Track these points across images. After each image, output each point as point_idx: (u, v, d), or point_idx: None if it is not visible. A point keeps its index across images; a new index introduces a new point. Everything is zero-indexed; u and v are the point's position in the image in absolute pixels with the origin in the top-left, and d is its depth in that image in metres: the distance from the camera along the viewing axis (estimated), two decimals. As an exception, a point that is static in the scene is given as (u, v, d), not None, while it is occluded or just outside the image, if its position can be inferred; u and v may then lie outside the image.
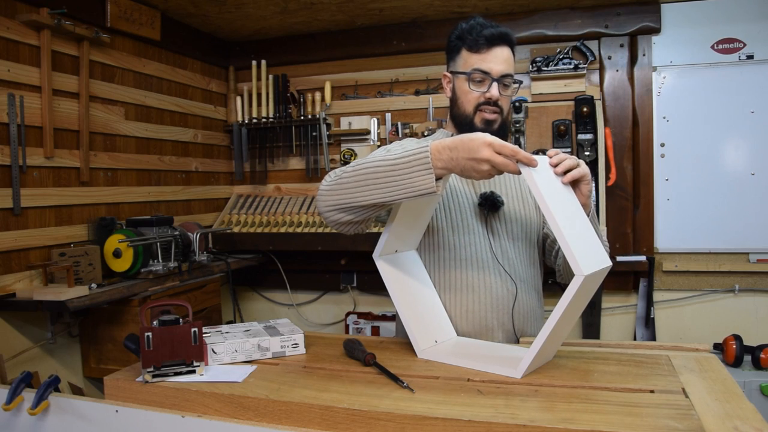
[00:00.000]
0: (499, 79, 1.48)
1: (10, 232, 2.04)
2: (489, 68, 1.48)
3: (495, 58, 1.48)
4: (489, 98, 1.49)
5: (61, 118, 2.25)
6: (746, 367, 2.47)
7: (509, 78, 1.50)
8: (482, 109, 1.51)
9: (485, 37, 1.46)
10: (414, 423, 1.02)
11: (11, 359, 2.03)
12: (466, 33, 1.50)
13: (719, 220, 2.73)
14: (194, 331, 1.27)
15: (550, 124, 2.80)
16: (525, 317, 1.54)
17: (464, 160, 1.15)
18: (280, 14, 2.82)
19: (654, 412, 1.01)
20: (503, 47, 1.48)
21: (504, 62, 1.48)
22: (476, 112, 1.51)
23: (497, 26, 1.49)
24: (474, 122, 1.52)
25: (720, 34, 2.70)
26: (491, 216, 1.55)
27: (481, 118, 1.51)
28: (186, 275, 2.49)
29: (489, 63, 1.47)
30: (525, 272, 1.56)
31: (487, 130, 1.47)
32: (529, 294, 1.56)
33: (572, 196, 1.25)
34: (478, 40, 1.47)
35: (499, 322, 1.51)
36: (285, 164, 3.28)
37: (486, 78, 1.48)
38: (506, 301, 1.52)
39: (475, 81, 1.49)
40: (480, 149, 1.13)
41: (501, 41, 1.48)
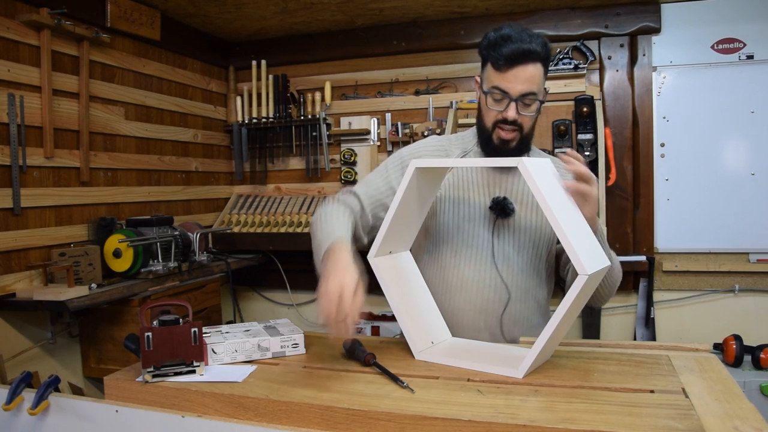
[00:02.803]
0: (518, 99, 1.43)
1: (10, 232, 2.04)
2: (507, 88, 1.43)
3: (515, 77, 1.41)
4: (505, 118, 1.46)
5: (61, 118, 2.25)
6: (746, 367, 2.47)
7: (531, 96, 1.44)
8: (500, 127, 1.48)
9: (505, 56, 1.40)
10: (414, 423, 1.02)
11: (11, 359, 2.03)
12: (491, 48, 1.44)
13: (719, 220, 2.73)
14: (194, 331, 1.27)
15: (550, 124, 2.80)
16: (516, 325, 1.53)
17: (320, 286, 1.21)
18: (280, 14, 2.82)
19: (654, 412, 1.01)
20: (526, 65, 1.41)
21: (524, 81, 1.42)
22: (494, 129, 1.49)
23: (523, 41, 1.40)
24: (492, 138, 1.51)
25: (720, 34, 2.70)
26: (500, 221, 1.54)
27: (498, 137, 1.49)
28: (186, 275, 2.49)
29: (508, 82, 1.42)
30: (525, 281, 1.54)
31: (504, 148, 1.49)
32: (525, 303, 1.54)
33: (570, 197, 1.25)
34: (499, 59, 1.41)
35: (486, 324, 1.52)
36: (285, 164, 3.28)
37: (505, 97, 1.44)
38: (496, 306, 1.52)
39: (495, 99, 1.46)
40: (320, 297, 1.19)
41: (524, 58, 1.40)
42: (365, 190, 1.57)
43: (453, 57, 3.03)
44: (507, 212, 1.51)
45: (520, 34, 1.41)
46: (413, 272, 1.49)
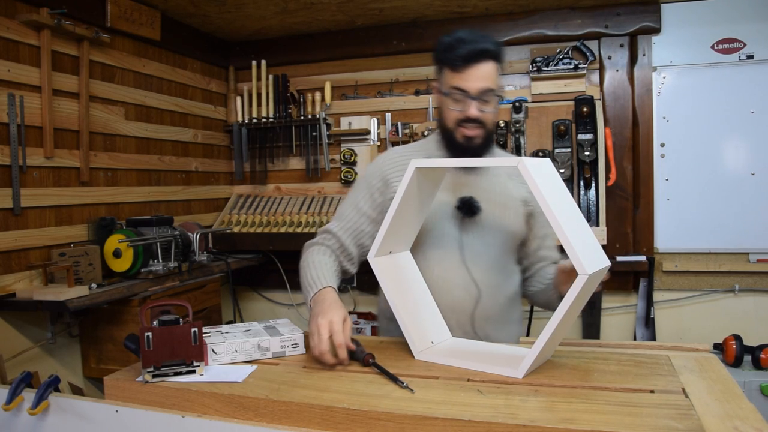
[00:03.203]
0: (477, 96, 1.48)
1: (10, 232, 2.04)
2: (467, 87, 1.47)
3: (472, 76, 1.47)
4: (468, 116, 1.50)
5: (61, 118, 2.25)
6: (746, 367, 2.47)
7: (489, 93, 1.49)
8: (463, 126, 1.52)
9: (462, 57, 1.46)
10: (414, 423, 1.02)
11: (11, 359, 2.03)
12: (446, 51, 1.49)
13: (719, 220, 2.73)
14: (194, 331, 1.27)
15: (550, 124, 2.80)
16: (488, 321, 1.56)
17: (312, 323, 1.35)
18: (280, 14, 2.82)
19: (654, 412, 1.01)
20: (483, 63, 1.47)
21: (482, 79, 1.47)
22: (457, 128, 1.53)
23: (477, 41, 1.47)
24: (455, 137, 1.55)
25: (720, 34, 2.70)
26: (467, 220, 1.56)
27: (462, 135, 1.53)
28: (186, 275, 2.49)
29: (467, 81, 1.47)
30: (494, 278, 1.58)
31: (469, 146, 1.53)
32: (495, 299, 1.58)
33: (570, 198, 1.26)
34: (456, 60, 1.47)
35: (458, 323, 1.55)
36: (285, 164, 3.28)
37: (464, 96, 1.49)
38: (466, 304, 1.55)
39: (455, 99, 1.50)
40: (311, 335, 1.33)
41: (479, 57, 1.46)
42: (340, 225, 1.62)
43: (453, 57, 3.03)
44: (473, 211, 1.54)
45: (474, 36, 1.48)
46: (413, 272, 1.49)
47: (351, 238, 1.61)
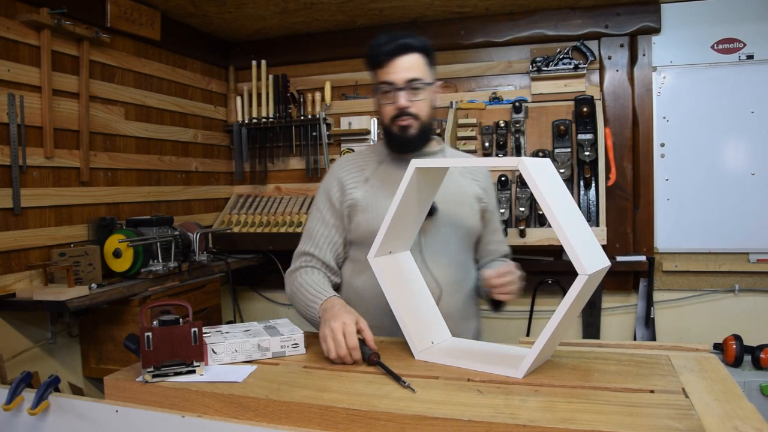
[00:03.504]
0: (403, 87, 1.53)
1: (10, 232, 2.04)
2: (392, 79, 1.53)
3: (396, 68, 1.53)
4: (398, 108, 1.55)
5: (61, 118, 2.25)
6: (746, 367, 2.46)
7: (417, 81, 1.54)
8: (397, 119, 1.57)
9: (384, 52, 1.53)
10: (414, 423, 1.02)
11: (11, 359, 2.03)
12: (371, 52, 1.57)
13: (719, 220, 2.73)
14: (194, 331, 1.27)
15: (550, 124, 2.80)
16: (449, 318, 1.57)
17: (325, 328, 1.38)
18: (280, 14, 2.82)
19: (654, 412, 1.01)
20: (406, 56, 1.53)
21: (406, 69, 1.53)
22: (393, 122, 1.58)
23: (398, 38, 1.53)
24: (393, 132, 1.59)
25: (720, 34, 2.70)
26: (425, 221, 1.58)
27: (397, 126, 1.58)
28: (186, 275, 2.49)
29: (391, 74, 1.53)
30: (454, 274, 1.61)
31: (405, 136, 1.57)
32: (456, 296, 1.61)
33: (570, 198, 1.26)
34: (378, 57, 1.54)
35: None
36: (285, 164, 3.28)
37: (391, 89, 1.54)
38: None
39: (384, 92, 1.56)
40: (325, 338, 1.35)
41: (400, 51, 1.52)
42: (314, 243, 1.67)
43: (453, 57, 3.03)
44: (431, 211, 1.57)
45: (396, 34, 1.55)
46: (413, 272, 1.49)
47: (329, 253, 1.66)
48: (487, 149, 2.82)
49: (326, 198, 1.68)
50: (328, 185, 1.70)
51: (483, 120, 2.89)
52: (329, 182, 1.70)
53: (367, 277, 1.62)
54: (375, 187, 1.64)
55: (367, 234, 1.60)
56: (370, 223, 1.59)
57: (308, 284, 1.57)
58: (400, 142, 1.60)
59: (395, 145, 1.62)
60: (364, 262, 1.63)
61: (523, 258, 2.84)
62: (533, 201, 2.67)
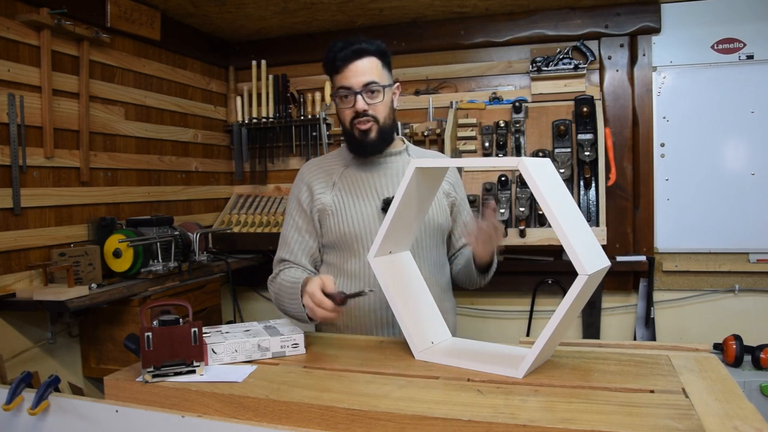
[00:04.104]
0: (360, 90, 1.55)
1: (10, 232, 2.04)
2: (349, 83, 1.56)
3: (352, 72, 1.55)
4: (357, 111, 1.57)
5: (61, 118, 2.25)
6: (746, 367, 2.47)
7: (373, 84, 1.56)
8: (356, 122, 1.59)
9: (339, 58, 1.55)
10: (414, 423, 1.02)
11: (11, 359, 2.03)
12: (327, 58, 1.59)
13: (719, 220, 2.73)
14: (194, 331, 1.27)
15: (550, 124, 2.80)
16: None
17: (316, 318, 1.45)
18: (280, 14, 2.82)
19: (654, 412, 1.01)
20: (360, 60, 1.55)
21: (362, 73, 1.55)
22: (352, 126, 1.60)
23: (352, 43, 1.55)
24: (353, 135, 1.62)
25: (720, 34, 2.70)
26: None
27: (358, 130, 1.60)
28: (186, 275, 2.49)
29: (348, 79, 1.56)
30: (427, 271, 1.62)
31: (365, 140, 1.60)
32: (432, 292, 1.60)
33: (570, 198, 1.26)
34: (335, 63, 1.56)
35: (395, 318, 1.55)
36: (285, 164, 3.28)
37: (349, 93, 1.57)
38: None
39: (342, 97, 1.59)
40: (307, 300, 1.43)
41: (356, 56, 1.54)
42: (290, 250, 1.69)
43: (453, 57, 3.03)
44: None
45: (348, 41, 1.57)
46: (413, 272, 1.49)
47: (305, 258, 1.68)
48: (487, 149, 2.82)
49: (297, 204, 1.71)
50: (298, 191, 1.72)
51: (483, 120, 2.89)
52: (299, 188, 1.72)
53: (342, 279, 1.64)
54: (342, 191, 1.66)
55: (338, 237, 1.62)
56: (341, 226, 1.62)
57: (287, 282, 1.59)
58: (361, 146, 1.62)
59: (357, 148, 1.65)
60: (338, 265, 1.65)
61: (523, 258, 2.84)
62: (533, 201, 2.67)
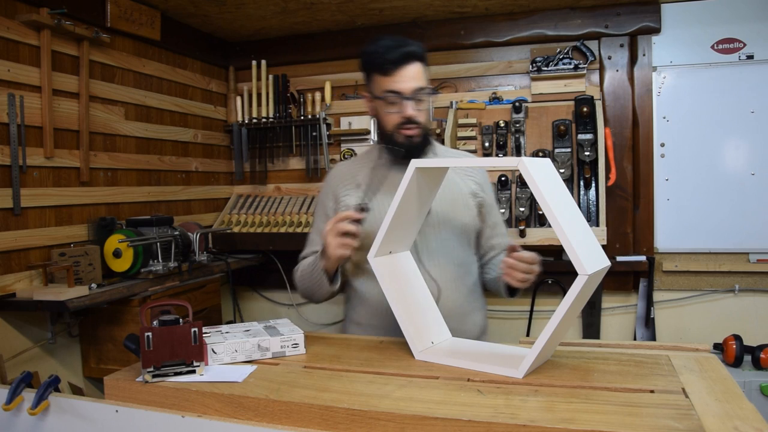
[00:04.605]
0: (411, 96, 1.55)
1: (10, 232, 2.04)
2: (400, 88, 1.54)
3: (403, 77, 1.54)
4: (405, 117, 1.56)
5: (61, 118, 2.25)
6: (746, 367, 2.46)
7: (422, 91, 1.56)
8: (402, 128, 1.58)
9: (392, 60, 1.53)
10: (414, 423, 1.02)
11: (11, 359, 2.03)
12: (373, 58, 1.57)
13: (719, 220, 2.73)
14: (194, 331, 1.27)
15: (550, 124, 2.80)
16: (450, 315, 1.58)
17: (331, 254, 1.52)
18: (280, 14, 2.82)
19: (654, 412, 1.01)
20: (411, 64, 1.54)
21: (413, 79, 1.54)
22: (397, 130, 1.60)
23: (402, 45, 1.54)
24: (396, 139, 1.61)
25: (720, 34, 2.70)
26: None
27: (403, 135, 1.60)
28: (186, 275, 2.49)
29: (399, 83, 1.54)
30: (452, 271, 1.62)
31: (410, 145, 1.59)
32: (456, 292, 1.63)
33: (570, 197, 1.26)
34: (386, 65, 1.54)
35: None
36: (285, 164, 3.28)
37: (399, 98, 1.55)
38: None
39: (390, 102, 1.57)
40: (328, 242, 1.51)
41: (407, 59, 1.53)
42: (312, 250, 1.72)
43: (453, 57, 3.03)
44: None
45: (397, 41, 1.56)
46: (413, 272, 1.49)
47: None
48: (487, 149, 2.82)
49: (323, 211, 1.73)
50: (324, 197, 1.74)
51: (483, 120, 2.89)
52: (325, 194, 1.75)
53: (366, 278, 1.64)
54: (367, 190, 1.66)
55: (363, 237, 1.61)
56: (363, 224, 1.61)
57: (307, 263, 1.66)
58: (406, 150, 1.60)
59: (400, 152, 1.62)
60: (361, 264, 1.64)
61: (523, 258, 2.84)
62: (533, 201, 2.67)
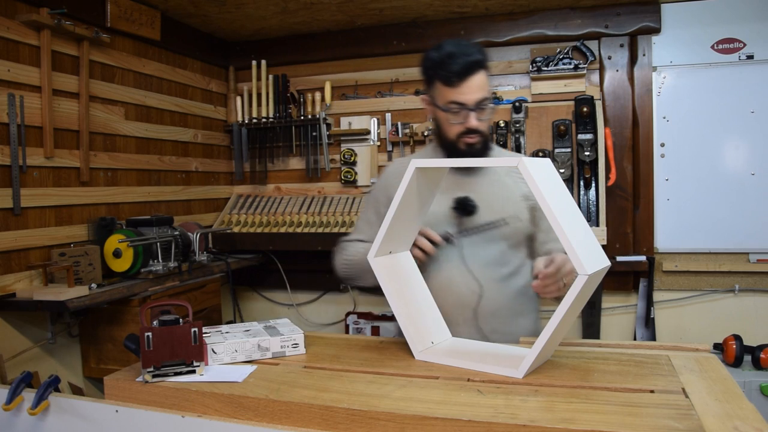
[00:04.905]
0: (474, 108, 1.53)
1: (10, 232, 2.04)
2: (464, 100, 1.53)
3: (468, 88, 1.52)
4: (468, 128, 1.55)
5: (61, 118, 2.25)
6: (746, 367, 2.47)
7: (485, 102, 1.55)
8: (464, 137, 1.57)
9: (456, 72, 1.50)
10: (414, 423, 1.02)
11: (11, 359, 2.03)
12: (438, 67, 1.53)
13: (719, 220, 2.73)
14: (194, 331, 1.27)
15: (550, 124, 2.80)
16: (493, 316, 1.58)
17: None
18: (280, 14, 2.82)
19: (654, 412, 1.01)
20: (475, 75, 1.52)
21: (477, 90, 1.53)
22: (459, 139, 1.58)
23: (467, 54, 1.51)
24: (458, 147, 1.60)
25: (720, 34, 2.70)
26: (466, 220, 1.60)
27: (465, 144, 1.59)
28: (186, 275, 2.49)
29: (463, 95, 1.52)
30: (497, 273, 1.61)
31: (470, 152, 1.58)
32: (501, 293, 1.61)
33: (570, 198, 1.26)
34: (450, 76, 1.51)
35: (463, 318, 1.59)
36: (285, 164, 3.28)
37: (462, 109, 1.54)
38: (469, 300, 1.59)
39: (453, 113, 1.55)
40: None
41: (471, 71, 1.51)
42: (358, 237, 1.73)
43: (453, 57, 3.03)
44: (470, 210, 1.58)
45: (462, 48, 1.52)
46: (413, 272, 1.49)
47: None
48: (487, 149, 2.82)
49: (374, 203, 1.74)
50: (377, 191, 1.74)
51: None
52: (378, 188, 1.75)
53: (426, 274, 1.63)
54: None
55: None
56: None
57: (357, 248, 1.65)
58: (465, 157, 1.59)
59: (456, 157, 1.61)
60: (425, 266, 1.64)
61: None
62: (533, 201, 2.66)
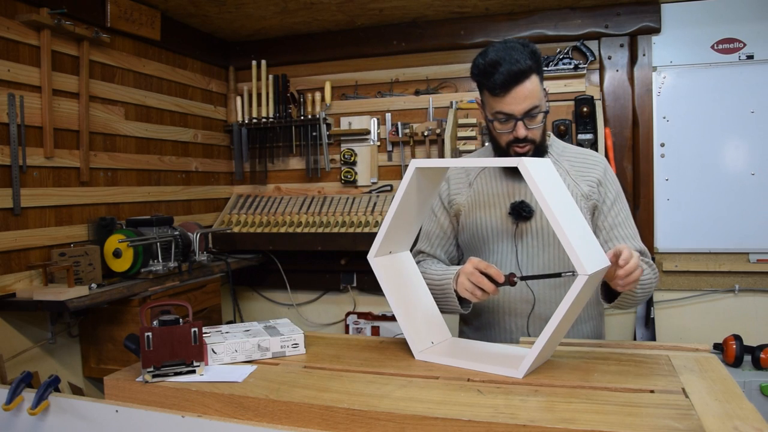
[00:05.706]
0: (522, 117, 1.48)
1: (10, 232, 2.04)
2: (510, 110, 1.47)
3: (514, 100, 1.46)
4: (516, 137, 1.51)
5: (61, 118, 2.25)
6: (746, 367, 2.46)
7: (534, 110, 1.48)
8: (514, 145, 1.53)
9: (500, 84, 1.44)
10: (414, 423, 1.02)
11: (11, 359, 2.03)
12: (482, 76, 1.47)
13: (719, 220, 2.73)
14: (194, 331, 1.27)
15: (550, 124, 2.80)
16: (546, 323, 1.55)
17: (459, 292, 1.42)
18: (280, 14, 2.82)
19: (654, 412, 1.01)
20: (522, 84, 1.44)
21: (524, 100, 1.46)
22: (509, 147, 1.55)
23: (512, 62, 1.43)
24: (510, 155, 1.57)
25: (720, 34, 2.70)
26: (522, 225, 1.57)
27: (514, 152, 1.55)
28: (186, 275, 2.49)
29: (509, 105, 1.47)
30: (553, 280, 1.56)
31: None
32: (554, 300, 1.56)
33: (571, 198, 1.26)
34: (495, 87, 1.45)
35: (516, 326, 1.58)
36: (285, 164, 3.28)
37: (510, 118, 1.49)
38: (522, 307, 1.57)
39: (501, 122, 1.51)
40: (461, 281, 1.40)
41: (518, 80, 1.43)
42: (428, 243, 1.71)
43: (453, 57, 3.03)
44: (525, 215, 1.55)
45: (508, 55, 1.43)
46: (413, 272, 1.49)
47: (442, 251, 1.69)
48: (487, 149, 2.82)
49: (439, 201, 1.71)
50: (440, 188, 1.71)
51: (483, 120, 2.88)
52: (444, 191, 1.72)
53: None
54: (476, 192, 1.64)
55: (468, 238, 1.64)
56: (471, 227, 1.63)
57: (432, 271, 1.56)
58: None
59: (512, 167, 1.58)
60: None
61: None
62: (533, 201, 2.66)
